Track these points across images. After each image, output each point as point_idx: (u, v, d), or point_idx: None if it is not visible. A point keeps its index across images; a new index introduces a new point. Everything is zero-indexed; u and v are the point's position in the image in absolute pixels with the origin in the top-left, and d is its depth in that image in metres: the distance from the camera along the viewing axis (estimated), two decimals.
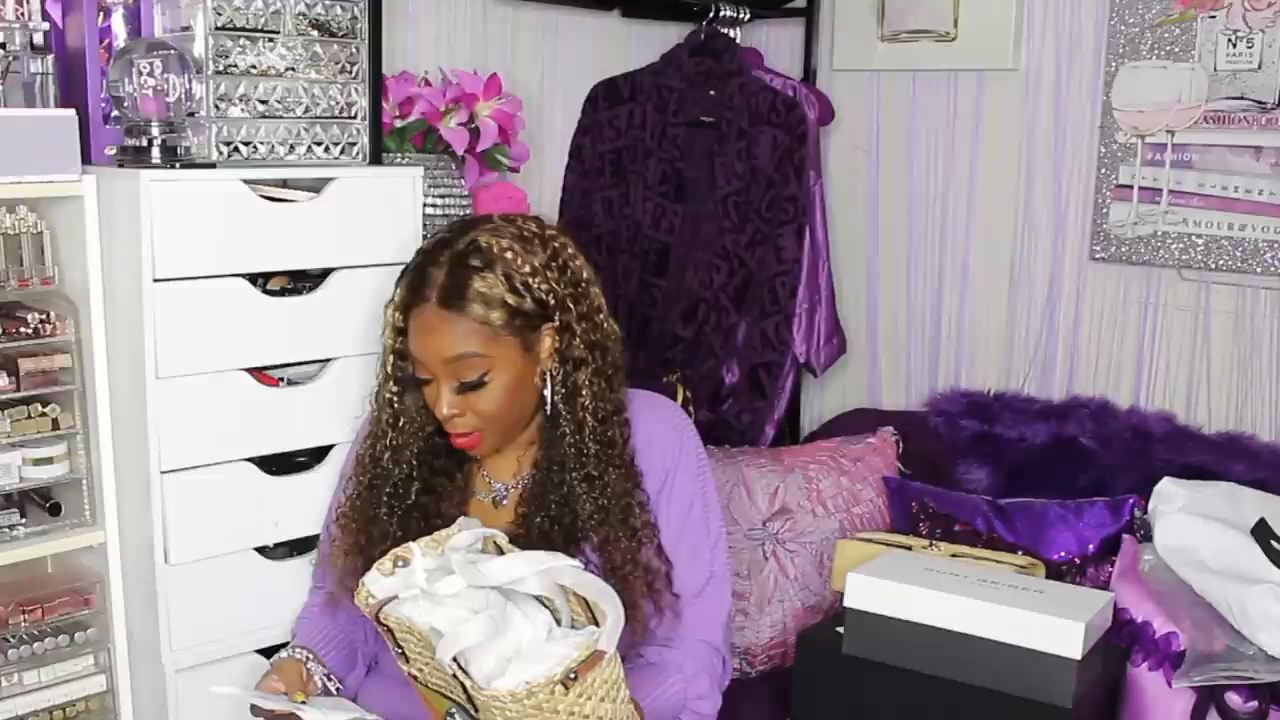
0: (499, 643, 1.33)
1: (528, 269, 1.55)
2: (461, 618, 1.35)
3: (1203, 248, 2.40)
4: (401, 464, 1.65)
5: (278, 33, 1.84)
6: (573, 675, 1.30)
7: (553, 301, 1.57)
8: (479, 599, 1.37)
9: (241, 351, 1.81)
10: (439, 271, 1.55)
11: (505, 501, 1.69)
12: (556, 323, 1.58)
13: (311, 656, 1.63)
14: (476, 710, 1.35)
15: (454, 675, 1.32)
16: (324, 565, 1.76)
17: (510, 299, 1.54)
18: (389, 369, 1.63)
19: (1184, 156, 2.40)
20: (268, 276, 1.87)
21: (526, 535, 1.59)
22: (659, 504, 1.65)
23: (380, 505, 1.65)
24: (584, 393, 1.59)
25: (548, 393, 1.61)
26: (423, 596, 1.40)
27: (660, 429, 1.69)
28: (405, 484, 1.65)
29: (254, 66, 1.82)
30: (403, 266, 1.62)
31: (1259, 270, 2.34)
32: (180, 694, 1.80)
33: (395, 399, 1.64)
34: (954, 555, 2.06)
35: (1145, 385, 2.50)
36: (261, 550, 1.87)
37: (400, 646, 1.43)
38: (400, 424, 1.65)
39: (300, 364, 1.90)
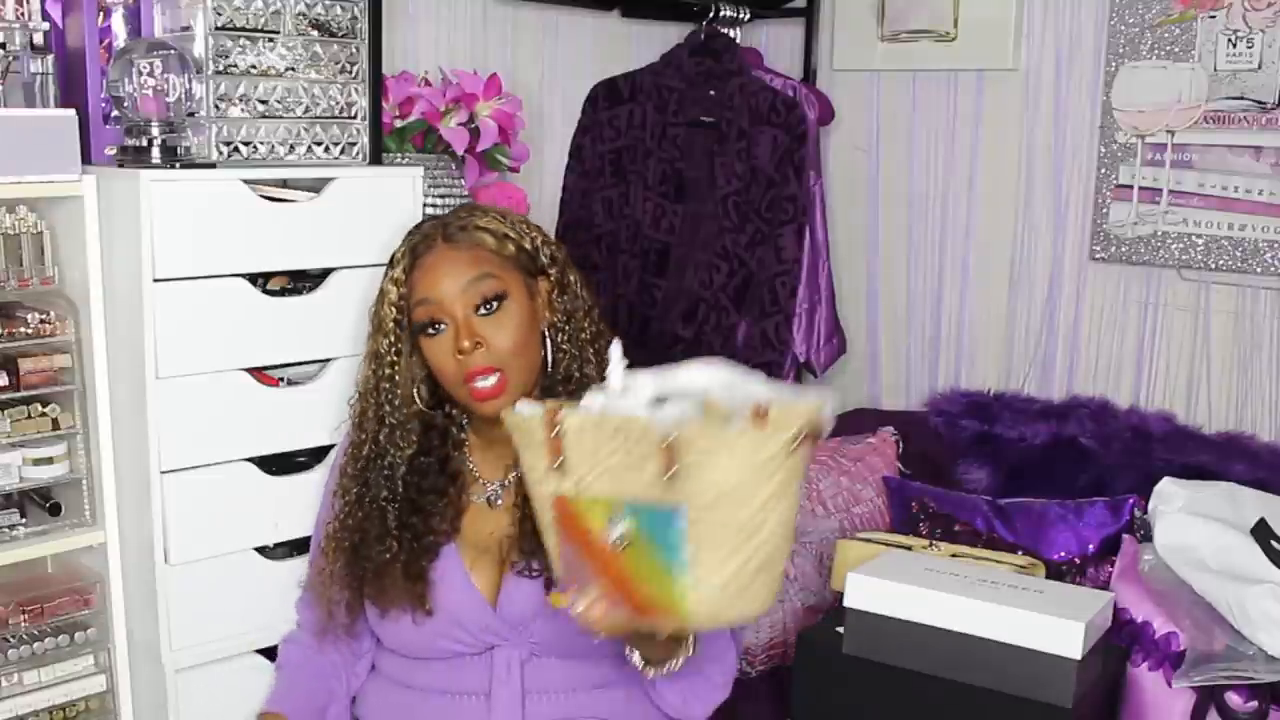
0: (738, 392, 1.27)
1: (523, 224, 1.66)
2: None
3: (1203, 248, 2.40)
4: (391, 476, 1.65)
5: (278, 33, 1.84)
6: (798, 441, 1.24)
7: (546, 257, 1.65)
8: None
9: (241, 351, 1.81)
10: (438, 225, 1.64)
11: (499, 502, 1.69)
12: (551, 279, 1.65)
13: None
14: (672, 481, 1.26)
15: (666, 444, 1.25)
16: (312, 591, 1.73)
17: (511, 233, 1.64)
18: (391, 333, 1.63)
19: (1184, 156, 2.40)
20: (268, 276, 1.87)
21: (527, 535, 1.59)
22: None
23: (371, 521, 1.64)
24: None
25: (548, 353, 1.65)
26: (618, 394, 1.32)
27: None
28: (392, 502, 1.65)
29: (254, 66, 1.82)
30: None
31: (1259, 270, 2.34)
32: (180, 694, 1.80)
33: (392, 366, 1.63)
34: (954, 555, 2.06)
35: (1145, 385, 2.50)
36: (261, 550, 1.87)
37: (560, 457, 1.31)
38: (387, 409, 1.65)
39: (300, 364, 1.90)
